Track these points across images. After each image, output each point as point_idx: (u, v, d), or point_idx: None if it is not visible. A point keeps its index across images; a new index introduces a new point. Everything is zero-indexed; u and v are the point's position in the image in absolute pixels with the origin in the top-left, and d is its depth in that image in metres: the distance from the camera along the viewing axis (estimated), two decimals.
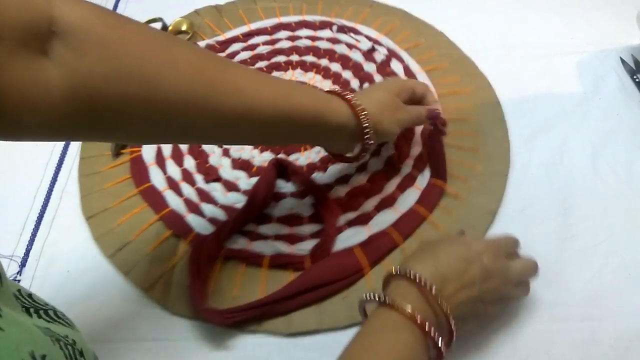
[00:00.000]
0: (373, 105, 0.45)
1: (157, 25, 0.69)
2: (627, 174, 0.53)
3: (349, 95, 0.44)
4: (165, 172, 0.56)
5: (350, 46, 0.65)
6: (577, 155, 0.55)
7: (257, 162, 0.56)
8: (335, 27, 0.67)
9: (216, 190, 0.54)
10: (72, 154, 0.59)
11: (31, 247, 0.52)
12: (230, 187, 0.54)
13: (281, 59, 0.65)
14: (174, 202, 0.53)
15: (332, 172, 0.54)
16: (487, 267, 0.39)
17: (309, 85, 0.45)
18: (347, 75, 0.63)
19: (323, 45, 0.66)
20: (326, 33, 0.67)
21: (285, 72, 0.64)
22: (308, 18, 0.69)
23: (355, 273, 0.47)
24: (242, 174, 0.55)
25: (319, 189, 0.52)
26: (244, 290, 0.48)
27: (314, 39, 0.67)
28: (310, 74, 0.64)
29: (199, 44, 0.67)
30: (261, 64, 0.65)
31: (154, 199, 0.54)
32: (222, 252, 0.49)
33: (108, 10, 0.34)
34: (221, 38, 0.68)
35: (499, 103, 0.59)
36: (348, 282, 0.47)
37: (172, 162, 0.56)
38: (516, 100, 0.59)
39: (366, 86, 0.61)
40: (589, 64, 0.62)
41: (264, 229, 0.51)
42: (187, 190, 0.54)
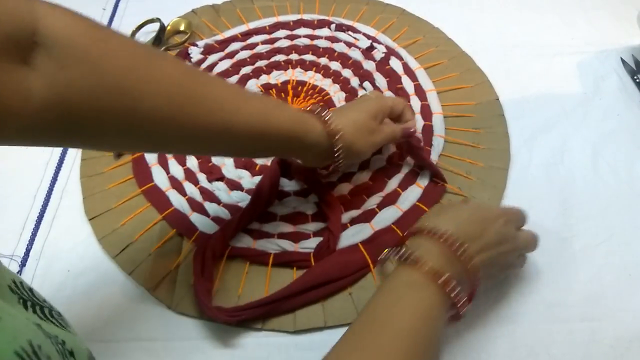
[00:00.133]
0: (348, 126, 0.45)
1: (156, 26, 0.69)
2: (628, 174, 0.53)
3: (325, 115, 0.44)
4: (168, 172, 0.56)
5: (349, 44, 0.66)
6: (578, 155, 0.55)
7: (260, 161, 0.56)
8: (333, 26, 0.67)
9: (219, 189, 0.54)
10: (72, 153, 0.59)
11: (31, 247, 0.52)
12: (234, 186, 0.54)
13: (281, 57, 0.65)
14: (178, 201, 0.53)
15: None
16: (502, 232, 0.40)
17: (286, 104, 0.46)
18: (346, 73, 0.63)
19: (322, 43, 0.66)
20: (324, 32, 0.68)
21: (285, 71, 0.64)
22: (306, 17, 0.70)
23: (361, 269, 0.48)
24: (245, 173, 0.55)
25: (322, 187, 0.52)
26: (248, 288, 0.48)
27: (312, 37, 0.67)
28: (310, 73, 0.64)
29: (198, 43, 0.67)
30: (261, 63, 0.65)
31: (157, 198, 0.54)
32: (227, 251, 0.49)
33: (93, 23, 0.34)
34: (220, 37, 0.68)
35: (498, 99, 0.60)
36: (353, 278, 0.47)
37: (175, 161, 0.56)
38: (516, 100, 0.60)
39: (366, 85, 0.61)
40: (590, 64, 0.63)
41: (268, 227, 0.51)
42: (191, 189, 0.54)
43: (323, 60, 0.65)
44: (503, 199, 0.52)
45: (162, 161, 0.56)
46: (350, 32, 0.67)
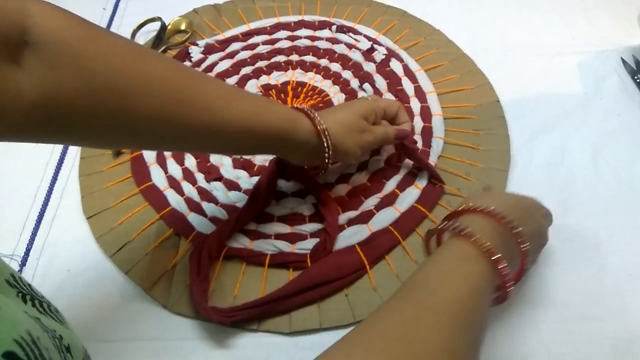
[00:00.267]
0: (336, 126, 0.45)
1: (157, 25, 0.69)
2: (628, 174, 0.53)
3: (313, 114, 0.45)
4: (166, 171, 0.56)
5: (349, 46, 0.66)
6: (578, 155, 0.55)
7: (258, 162, 0.56)
8: (334, 27, 0.67)
9: (217, 189, 0.54)
10: (72, 153, 0.59)
11: (31, 247, 0.52)
12: (232, 186, 0.54)
13: (281, 58, 0.65)
14: (175, 201, 0.53)
15: (332, 172, 0.54)
16: (542, 224, 0.42)
17: (276, 102, 0.46)
18: (346, 75, 0.63)
19: (322, 45, 0.66)
20: (325, 33, 0.67)
21: (285, 71, 0.64)
22: (307, 18, 0.70)
23: (357, 271, 0.47)
24: (243, 173, 0.55)
25: (320, 188, 0.52)
26: (244, 289, 0.48)
27: (313, 38, 0.67)
28: (310, 74, 0.64)
29: (198, 42, 0.67)
30: (261, 64, 0.65)
31: (155, 198, 0.54)
32: (223, 251, 0.49)
33: (84, 22, 0.34)
34: (221, 37, 0.68)
35: (498, 101, 0.60)
36: (349, 280, 0.47)
37: (173, 161, 0.56)
38: (517, 100, 0.60)
39: (366, 86, 0.61)
40: (590, 64, 0.63)
41: (265, 228, 0.51)
42: (188, 189, 0.54)
43: (323, 62, 0.65)
44: None
45: (161, 160, 0.56)
46: (351, 34, 0.67)
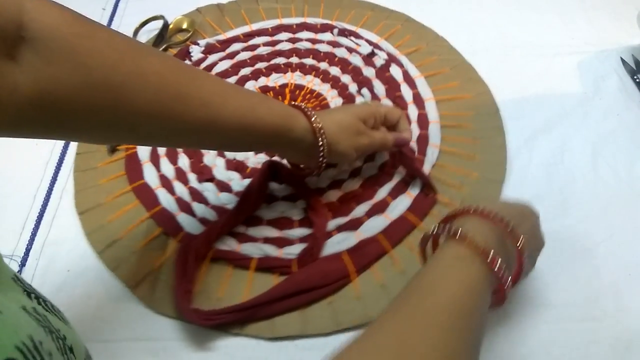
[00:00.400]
0: (332, 126, 0.45)
1: (159, 23, 0.69)
2: (628, 174, 0.53)
3: (310, 112, 0.45)
4: (159, 170, 0.56)
5: (350, 50, 0.65)
6: (578, 155, 0.55)
7: (251, 164, 0.56)
8: (336, 31, 0.67)
9: (208, 190, 0.54)
10: (72, 153, 0.59)
11: (31, 247, 0.51)
12: (223, 187, 0.54)
13: (281, 60, 0.65)
14: (166, 200, 0.53)
15: (325, 177, 0.54)
16: (536, 229, 0.41)
17: (273, 99, 0.46)
18: (345, 79, 0.63)
19: (323, 48, 0.66)
20: (327, 36, 0.67)
21: (285, 74, 0.64)
22: (309, 20, 0.69)
23: (343, 278, 0.47)
24: (235, 175, 0.55)
25: (311, 192, 0.52)
26: (229, 292, 0.47)
27: (314, 41, 0.67)
28: (309, 77, 0.63)
29: (199, 42, 0.67)
30: (261, 65, 0.65)
31: (147, 196, 0.54)
32: (210, 252, 0.49)
33: (80, 18, 0.34)
34: (222, 37, 0.68)
35: (498, 110, 0.59)
36: (334, 287, 0.47)
37: (167, 160, 0.56)
38: (517, 100, 0.59)
39: (364, 91, 0.61)
40: (590, 64, 0.63)
41: (254, 231, 0.51)
42: (180, 189, 0.54)
43: (323, 65, 0.64)
44: None
45: (154, 159, 0.57)
46: (352, 38, 0.66)
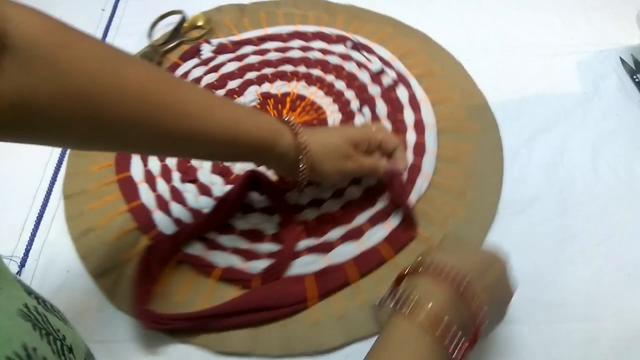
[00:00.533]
0: (319, 146, 0.45)
1: (177, 18, 0.69)
2: (627, 174, 0.53)
3: (297, 129, 0.44)
4: (146, 165, 0.56)
5: (360, 65, 0.63)
6: (577, 155, 0.55)
7: (236, 170, 0.55)
8: (349, 44, 0.65)
9: (189, 191, 0.54)
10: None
11: (31, 247, 0.51)
12: (204, 190, 0.54)
13: (288, 68, 0.64)
14: (146, 196, 0.53)
15: (307, 194, 0.53)
16: (501, 275, 0.38)
17: (260, 112, 0.46)
18: (349, 95, 0.61)
19: (333, 60, 0.64)
20: (339, 48, 0.66)
21: (289, 82, 0.63)
22: (325, 30, 0.68)
23: (300, 303, 0.46)
24: (218, 180, 0.55)
25: (288, 208, 0.51)
26: (188, 297, 0.47)
27: (325, 52, 0.65)
28: (313, 88, 0.62)
29: (212, 41, 0.67)
30: (268, 71, 0.64)
31: (129, 189, 0.54)
32: (178, 255, 0.49)
33: (63, 27, 0.34)
34: (236, 38, 0.68)
35: (501, 148, 0.56)
36: (290, 310, 0.45)
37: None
38: (516, 100, 0.60)
39: (365, 110, 0.59)
40: (589, 64, 0.63)
41: (224, 239, 0.50)
42: (162, 186, 0.54)
43: (329, 77, 0.63)
44: None
45: None
46: (365, 52, 0.64)
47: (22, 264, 0.50)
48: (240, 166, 0.56)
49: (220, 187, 0.54)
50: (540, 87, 0.61)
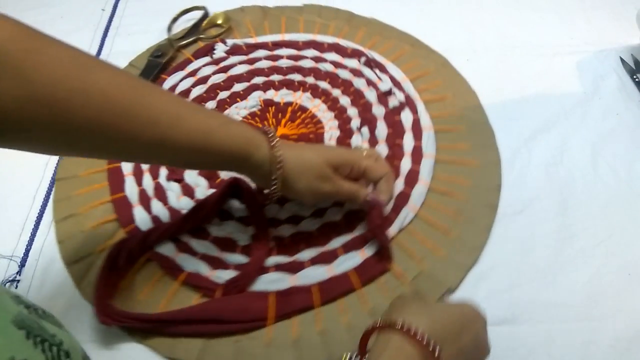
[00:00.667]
0: (295, 162, 0.43)
1: (199, 14, 0.70)
2: (627, 174, 0.53)
3: (274, 141, 0.42)
4: None
5: (369, 83, 0.62)
6: (577, 155, 0.54)
7: (223, 174, 0.55)
8: (363, 59, 0.63)
9: (173, 190, 0.54)
10: None
11: (31, 247, 0.51)
12: (187, 191, 0.54)
13: (296, 77, 0.63)
14: (130, 189, 0.54)
15: (286, 209, 0.52)
16: (479, 335, 0.36)
17: (236, 121, 0.44)
18: (352, 112, 0.59)
19: (343, 74, 0.63)
20: (352, 63, 0.64)
21: (295, 92, 0.62)
22: (342, 42, 0.66)
23: (257, 320, 0.45)
24: (203, 182, 0.54)
25: (264, 221, 0.50)
26: (149, 297, 0.47)
27: (337, 65, 0.64)
28: (317, 101, 0.61)
29: (227, 41, 0.67)
30: (276, 78, 0.63)
31: (116, 180, 0.55)
32: (147, 254, 0.49)
33: (33, 33, 0.34)
34: (251, 41, 0.68)
35: (499, 188, 0.53)
36: (247, 327, 0.45)
37: None
38: (516, 100, 0.60)
39: (364, 130, 0.57)
40: (589, 63, 0.62)
41: (196, 244, 0.50)
42: (147, 181, 0.54)
43: (335, 92, 0.61)
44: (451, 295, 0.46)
45: None
46: (377, 70, 0.63)
47: (22, 264, 0.50)
48: (227, 172, 0.55)
49: (203, 190, 0.54)
50: (540, 87, 0.60)
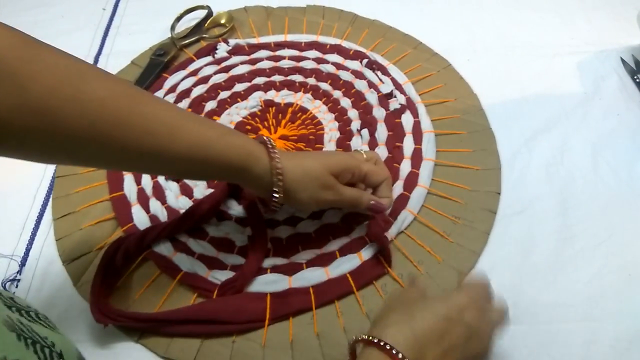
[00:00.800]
0: (295, 172, 0.42)
1: (202, 13, 0.70)
2: (628, 174, 0.53)
3: (274, 152, 0.42)
4: None
5: (370, 85, 0.61)
6: (578, 156, 0.55)
7: None
8: (365, 61, 0.63)
9: (171, 189, 0.54)
10: None
11: (31, 247, 0.51)
12: (185, 191, 0.54)
13: (297, 78, 0.63)
14: (129, 188, 0.54)
15: (284, 211, 0.51)
16: (472, 326, 0.35)
17: (236, 132, 0.43)
18: (352, 114, 0.59)
19: (345, 76, 0.63)
20: (354, 64, 0.64)
21: (296, 93, 0.62)
22: (345, 44, 0.66)
23: (254, 321, 0.45)
24: (202, 182, 0.54)
25: (261, 223, 0.50)
26: (146, 296, 0.47)
27: (339, 67, 0.64)
28: (318, 102, 0.61)
29: (230, 41, 0.67)
30: (277, 78, 0.63)
31: (115, 178, 0.55)
32: (145, 253, 0.49)
33: (28, 41, 0.34)
34: (254, 41, 0.68)
35: (499, 193, 0.52)
36: (243, 327, 0.45)
37: None
38: (517, 100, 0.60)
39: (364, 132, 0.57)
40: (590, 64, 0.62)
41: (193, 244, 0.50)
42: (146, 180, 0.54)
43: (336, 94, 0.61)
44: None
45: None
46: (379, 73, 0.62)
47: (23, 263, 0.50)
48: None
49: (201, 190, 0.54)
50: (541, 87, 0.61)
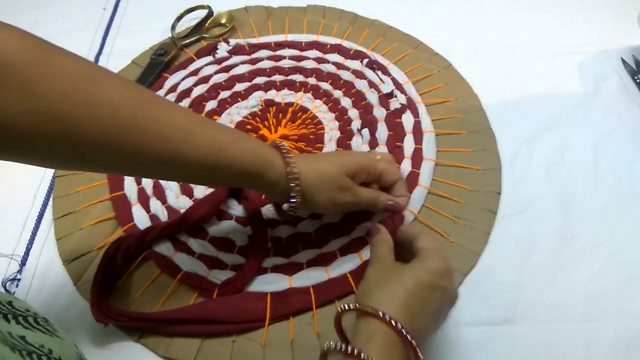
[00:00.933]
0: (311, 176, 0.42)
1: (203, 13, 0.70)
2: (628, 174, 0.53)
3: (289, 157, 0.41)
4: None
5: (371, 84, 0.61)
6: (578, 156, 0.55)
7: None
8: (365, 61, 0.63)
9: (171, 189, 0.54)
10: None
11: (31, 246, 0.51)
12: (186, 191, 0.54)
13: (298, 78, 0.63)
14: (129, 187, 0.54)
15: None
16: (450, 291, 0.38)
17: (250, 137, 0.43)
18: (352, 113, 0.59)
19: (345, 76, 0.63)
20: (355, 64, 0.64)
21: (296, 92, 0.62)
22: (345, 44, 0.66)
23: (255, 321, 0.45)
24: None
25: (262, 223, 0.50)
26: (146, 296, 0.47)
27: (340, 67, 0.64)
28: (318, 102, 0.61)
29: (230, 40, 0.67)
30: (277, 78, 0.63)
31: (115, 178, 0.55)
32: (145, 252, 0.49)
33: (40, 45, 0.33)
34: (254, 41, 0.68)
35: (499, 193, 0.52)
36: (244, 327, 0.45)
37: None
38: (517, 100, 0.60)
39: (364, 132, 0.57)
40: (590, 64, 0.63)
41: (193, 243, 0.50)
42: (147, 180, 0.54)
43: (337, 93, 0.61)
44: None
45: None
46: (379, 72, 0.62)
47: (23, 263, 0.50)
48: None
49: (202, 190, 0.54)
50: (541, 88, 0.61)
